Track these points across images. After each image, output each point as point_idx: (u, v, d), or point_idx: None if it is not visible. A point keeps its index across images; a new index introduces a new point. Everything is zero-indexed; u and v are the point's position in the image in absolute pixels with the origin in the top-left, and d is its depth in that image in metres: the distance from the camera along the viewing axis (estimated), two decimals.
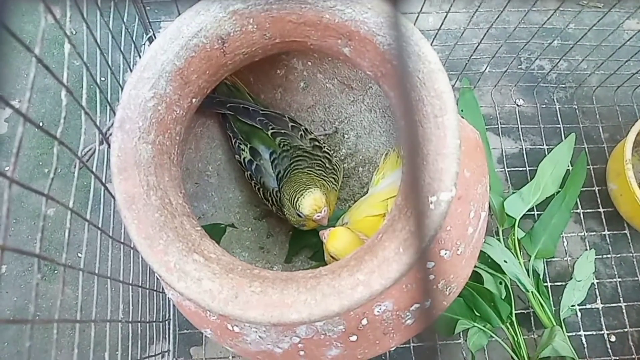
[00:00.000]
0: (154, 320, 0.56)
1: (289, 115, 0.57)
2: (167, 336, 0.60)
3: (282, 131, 0.54)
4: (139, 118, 0.36)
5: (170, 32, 0.38)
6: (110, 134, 0.36)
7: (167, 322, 0.60)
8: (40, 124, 0.63)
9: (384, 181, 0.52)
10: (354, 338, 0.40)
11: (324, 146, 0.56)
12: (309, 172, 0.52)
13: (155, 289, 0.56)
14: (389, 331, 0.40)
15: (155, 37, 0.41)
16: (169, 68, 0.37)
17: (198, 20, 0.37)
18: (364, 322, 0.39)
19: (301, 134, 0.55)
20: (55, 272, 0.63)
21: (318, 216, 0.49)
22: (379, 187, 0.52)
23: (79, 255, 0.63)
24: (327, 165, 0.55)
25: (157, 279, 0.57)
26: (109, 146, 0.36)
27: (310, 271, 0.35)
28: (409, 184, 0.34)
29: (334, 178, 0.55)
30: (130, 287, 0.46)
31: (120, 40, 0.48)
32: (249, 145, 0.55)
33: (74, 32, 0.74)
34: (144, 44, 0.61)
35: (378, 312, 0.39)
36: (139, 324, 0.54)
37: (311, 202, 0.49)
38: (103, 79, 0.67)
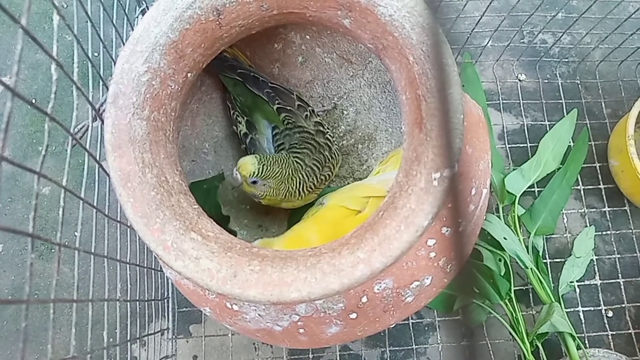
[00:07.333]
0: (153, 298, 0.56)
1: (297, 93, 0.56)
2: (166, 314, 0.60)
3: (288, 108, 0.53)
4: (133, 93, 0.35)
5: (164, 4, 0.36)
6: (104, 110, 0.35)
7: (166, 300, 0.60)
8: (33, 101, 0.62)
9: (380, 176, 0.52)
10: (353, 316, 0.40)
11: (327, 132, 0.55)
12: (306, 171, 0.52)
13: (153, 267, 0.56)
14: (388, 309, 0.40)
15: (148, 10, 0.39)
16: (162, 41, 0.36)
17: None
18: (364, 299, 0.39)
19: (306, 115, 0.54)
20: (52, 250, 0.63)
21: (236, 174, 0.50)
22: (375, 179, 0.52)
23: (76, 234, 0.63)
24: (327, 154, 0.53)
25: (155, 257, 0.56)
26: (103, 122, 0.35)
27: (309, 249, 0.34)
28: (410, 161, 0.34)
29: (327, 175, 0.54)
30: (128, 265, 0.45)
31: (112, 13, 0.46)
32: (245, 119, 0.54)
33: (65, 6, 0.72)
34: (137, 17, 0.60)
35: (378, 289, 0.39)
36: (138, 302, 0.53)
37: (245, 161, 0.50)
38: (96, 54, 0.65)
